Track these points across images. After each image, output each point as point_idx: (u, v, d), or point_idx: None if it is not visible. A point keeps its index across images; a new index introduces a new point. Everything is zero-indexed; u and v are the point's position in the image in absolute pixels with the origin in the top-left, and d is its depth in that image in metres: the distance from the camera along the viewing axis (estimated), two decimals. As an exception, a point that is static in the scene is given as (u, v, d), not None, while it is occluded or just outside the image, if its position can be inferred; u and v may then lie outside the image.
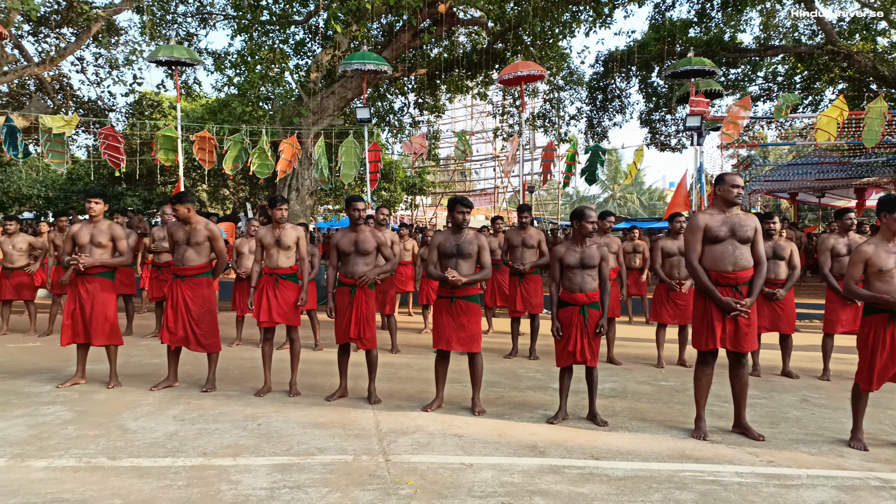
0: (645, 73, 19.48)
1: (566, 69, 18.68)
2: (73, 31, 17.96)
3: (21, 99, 20.01)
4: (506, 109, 20.37)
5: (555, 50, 15.74)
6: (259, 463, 3.82)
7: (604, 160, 11.60)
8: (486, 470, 3.74)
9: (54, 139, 10.90)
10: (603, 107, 20.70)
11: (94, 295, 5.59)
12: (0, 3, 14.99)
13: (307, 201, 16.34)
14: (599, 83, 20.23)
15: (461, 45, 18.45)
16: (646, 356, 7.57)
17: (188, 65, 11.55)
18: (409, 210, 43.71)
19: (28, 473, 3.60)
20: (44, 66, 16.33)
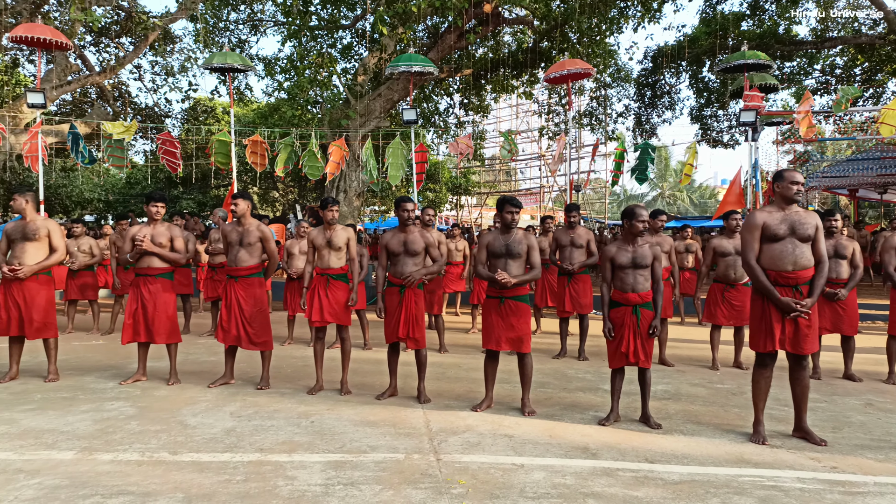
0: (696, 67, 19.02)
1: (613, 66, 18.39)
2: (131, 41, 18.67)
3: (83, 107, 20.92)
4: (551, 108, 20.20)
5: (602, 47, 15.51)
6: (313, 460, 3.89)
7: (653, 158, 11.37)
8: (537, 471, 3.73)
9: (115, 145, 11.34)
10: (651, 103, 20.31)
11: (155, 295, 5.80)
12: (65, 15, 15.71)
13: (354, 203, 16.56)
14: (648, 79, 19.86)
15: (506, 45, 18.39)
16: (699, 358, 7.40)
17: (241, 71, 11.85)
18: (454, 210, 43.77)
19: (95, 466, 3.76)
20: (104, 74, 17.02)
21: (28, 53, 19.33)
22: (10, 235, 5.81)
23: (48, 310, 5.93)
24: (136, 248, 5.73)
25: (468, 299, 11.10)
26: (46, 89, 12.50)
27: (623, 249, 4.72)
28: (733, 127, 20.09)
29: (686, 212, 48.47)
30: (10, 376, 5.91)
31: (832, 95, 18.48)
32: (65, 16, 15.75)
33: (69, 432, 4.37)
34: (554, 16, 14.12)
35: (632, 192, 53.44)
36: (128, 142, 11.64)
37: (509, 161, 36.47)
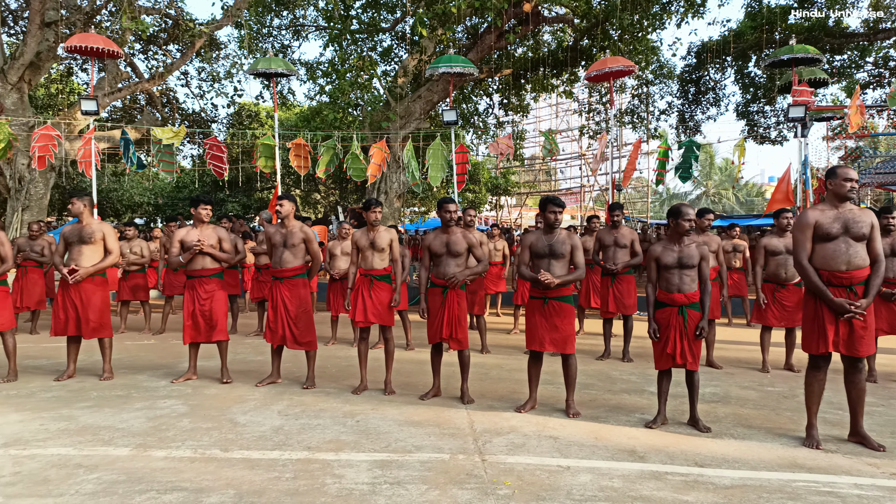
0: (741, 63, 18.54)
1: (656, 62, 18.06)
2: (178, 48, 19.19)
3: (133, 113, 21.61)
4: (592, 107, 19.97)
5: (644, 43, 15.24)
6: (360, 458, 3.94)
7: (698, 156, 11.13)
8: (584, 473, 3.69)
9: (164, 150, 11.69)
10: (695, 100, 19.89)
11: (211, 294, 5.96)
12: (115, 24, 16.26)
13: (395, 204, 16.68)
14: (692, 75, 19.46)
15: (546, 44, 18.26)
16: (748, 360, 7.22)
17: (284, 75, 12.07)
18: (493, 211, 43.68)
19: (150, 462, 3.88)
20: (153, 81, 17.54)
21: (81, 62, 20.08)
22: (67, 238, 6.05)
23: (103, 310, 6.15)
24: (192, 250, 5.87)
25: (510, 300, 11.08)
26: (99, 97, 12.96)
27: (668, 249, 4.64)
28: (781, 123, 19.52)
29: (732, 210, 47.29)
30: (68, 374, 6.15)
31: (885, 89, 17.78)
32: (115, 25, 16.31)
33: (124, 429, 4.53)
34: (595, 13, 13.95)
35: (675, 191, 52.43)
36: (176, 147, 11.98)
37: (550, 161, 36.18)
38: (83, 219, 6.04)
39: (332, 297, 8.49)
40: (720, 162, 49.15)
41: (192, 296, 5.97)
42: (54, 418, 4.77)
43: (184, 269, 6.11)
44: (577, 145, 37.83)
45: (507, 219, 44.28)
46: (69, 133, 15.71)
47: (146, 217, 31.37)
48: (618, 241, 7.17)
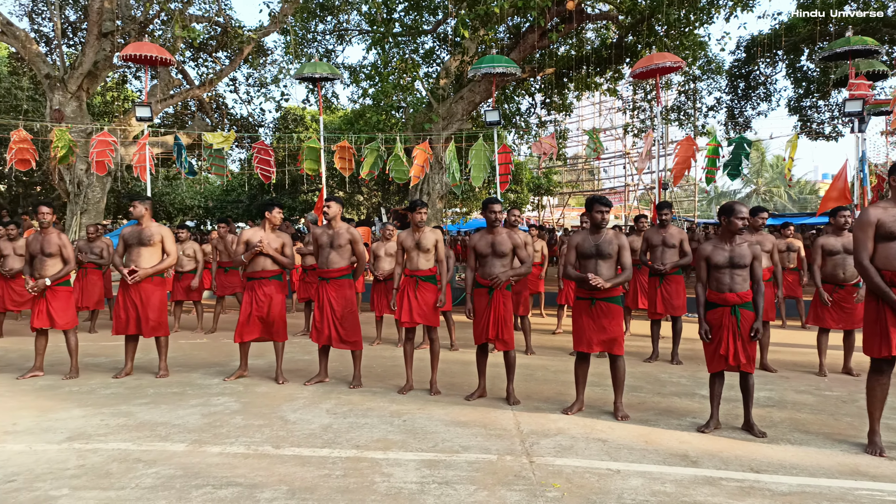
0: (793, 56, 17.95)
1: (703, 58, 17.64)
2: (227, 55, 19.70)
3: (184, 119, 22.28)
4: (636, 104, 19.65)
5: (691, 38, 14.92)
6: (408, 458, 3.97)
7: (749, 153, 10.81)
8: (634, 477, 3.63)
9: (215, 154, 12.01)
10: (745, 95, 19.35)
11: (270, 296, 6.07)
12: (167, 33, 16.79)
13: (437, 205, 16.75)
14: (741, 70, 18.94)
15: (589, 42, 18.04)
16: (803, 363, 6.98)
17: (329, 79, 12.26)
18: (535, 211, 43.37)
19: (205, 458, 3.99)
20: (203, 87, 18.05)
21: (135, 70, 20.79)
22: (126, 240, 6.27)
23: (161, 310, 6.35)
24: (253, 250, 5.99)
25: (552, 300, 10.99)
26: (152, 103, 13.41)
27: (719, 248, 4.53)
28: (836, 118, 18.83)
29: (784, 209, 45.84)
30: (126, 372, 6.37)
31: (951, 80, 16.94)
32: (167, 33, 16.84)
33: (180, 425, 4.67)
34: (640, 9, 13.73)
35: (723, 189, 51.10)
36: (226, 151, 12.30)
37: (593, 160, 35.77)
38: (143, 221, 6.25)
39: (376, 298, 8.57)
40: (771, 159, 47.73)
41: (251, 297, 6.07)
42: (114, 414, 4.95)
43: (244, 270, 6.25)
44: (620, 144, 37.28)
45: (549, 219, 43.94)
46: (124, 139, 16.29)
47: (196, 219, 32.30)
48: (666, 241, 7.03)
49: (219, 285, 9.77)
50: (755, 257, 4.48)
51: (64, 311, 6.30)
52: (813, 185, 49.31)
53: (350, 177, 12.90)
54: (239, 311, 6.26)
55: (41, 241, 6.23)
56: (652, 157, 12.38)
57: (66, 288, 6.37)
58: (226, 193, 29.49)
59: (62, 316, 6.29)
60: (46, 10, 18.91)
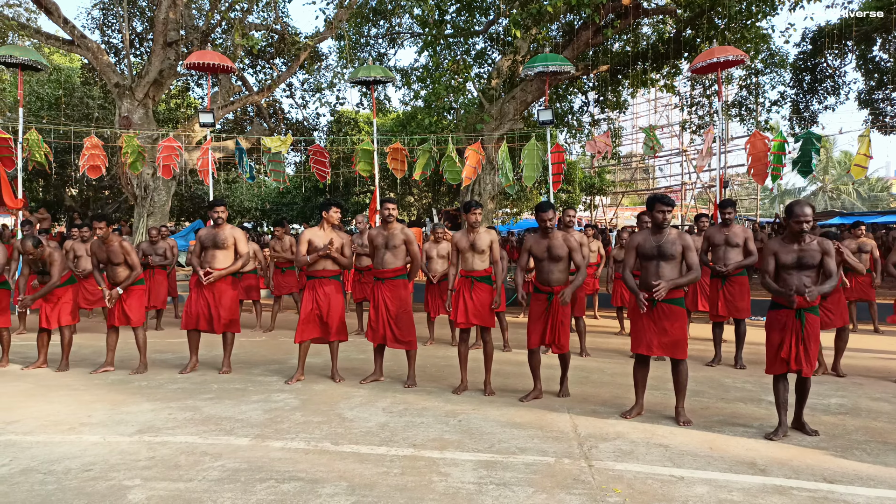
0: (864, 47, 17.12)
1: (766, 51, 17.01)
2: (283, 61, 20.18)
3: (243, 124, 22.94)
4: (694, 100, 19.10)
5: (753, 31, 14.39)
6: (464, 458, 3.96)
7: (818, 148, 10.35)
8: (699, 484, 3.53)
9: (273, 158, 12.32)
10: (811, 89, 18.56)
11: (330, 296, 6.14)
12: (227, 41, 17.33)
13: (489, 205, 16.70)
14: (807, 63, 18.18)
15: (645, 37, 17.66)
16: (877, 369, 6.64)
17: (383, 82, 12.39)
18: (587, 211, 42.75)
19: (268, 452, 4.08)
20: (262, 94, 18.54)
21: (197, 78, 21.54)
22: (202, 242, 6.47)
23: (233, 308, 6.55)
24: (319, 252, 6.02)
25: (607, 301, 10.80)
26: (214, 109, 13.86)
27: (787, 247, 4.36)
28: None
29: (853, 207, 43.75)
30: (191, 367, 6.59)
31: None
32: (228, 42, 17.38)
33: (244, 420, 4.79)
34: (699, 2, 13.34)
35: (787, 187, 49.21)
36: (284, 154, 12.59)
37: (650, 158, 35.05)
38: (223, 224, 6.47)
39: (430, 299, 8.60)
40: (838, 155, 45.65)
41: (312, 296, 6.14)
42: (181, 408, 5.13)
43: (300, 270, 6.39)
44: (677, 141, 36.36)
45: (602, 219, 43.23)
46: (188, 144, 16.88)
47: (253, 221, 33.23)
48: (729, 241, 6.81)
49: (276, 285, 10.00)
50: (825, 252, 4.29)
51: (136, 309, 6.60)
52: (885, 181, 46.91)
53: (402, 178, 13.00)
54: (297, 310, 6.39)
55: (106, 251, 6.52)
56: (713, 154, 12.01)
57: (139, 287, 6.66)
58: (281, 196, 30.22)
59: (135, 313, 6.58)
60: (116, 23, 19.80)
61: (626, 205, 48.66)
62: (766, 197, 47.28)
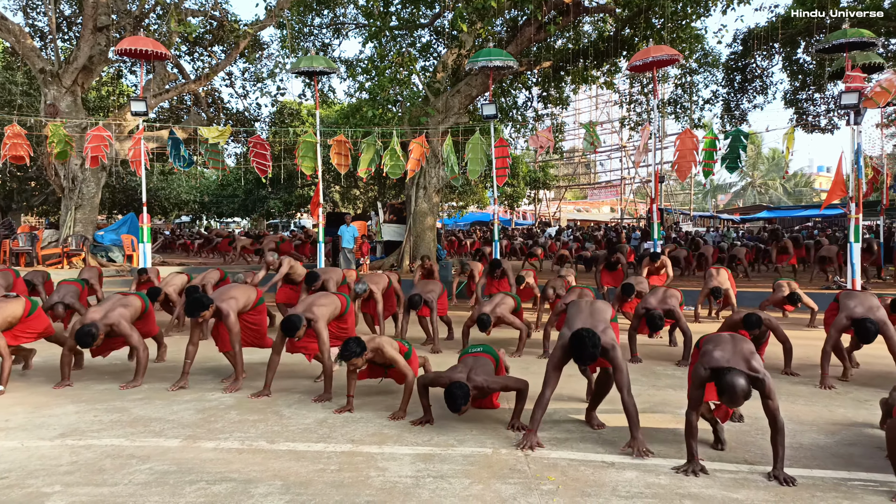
0: (790, 49, 17.93)
1: (700, 51, 17.60)
2: (222, 49, 19.61)
3: (179, 113, 22.20)
4: (633, 98, 19.61)
5: (688, 31, 14.87)
6: (403, 452, 3.96)
7: (746, 145, 10.79)
8: (629, 469, 3.64)
9: (212, 149, 11.97)
10: (742, 88, 19.34)
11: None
12: (163, 27, 16.71)
13: (434, 199, 16.72)
14: (738, 63, 18.92)
15: (586, 35, 17.99)
16: (798, 357, 6.97)
17: (326, 73, 12.20)
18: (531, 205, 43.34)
19: (200, 453, 3.98)
20: (199, 82, 17.98)
21: (130, 65, 20.70)
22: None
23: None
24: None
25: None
26: (147, 98, 13.34)
27: None
28: (832, 110, 18.84)
29: (779, 201, 45.90)
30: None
31: (947, 72, 16.91)
32: (163, 27, 16.76)
33: (175, 421, 4.65)
34: (637, 2, 13.67)
35: (719, 182, 51.15)
36: (222, 145, 12.24)
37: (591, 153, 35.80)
38: None
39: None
40: (767, 152, 47.77)
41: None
42: (108, 410, 4.93)
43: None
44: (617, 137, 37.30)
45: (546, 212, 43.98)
46: (119, 134, 16.22)
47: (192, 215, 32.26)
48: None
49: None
50: None
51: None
52: (808, 177, 49.39)
53: (348, 172, 12.84)
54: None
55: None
56: (648, 151, 12.36)
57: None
58: (221, 188, 29.43)
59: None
60: (41, 5, 18.79)
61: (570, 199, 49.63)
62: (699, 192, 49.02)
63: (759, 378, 3.49)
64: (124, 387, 5.64)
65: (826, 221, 30.31)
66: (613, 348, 3.98)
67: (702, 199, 51.10)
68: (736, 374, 3.41)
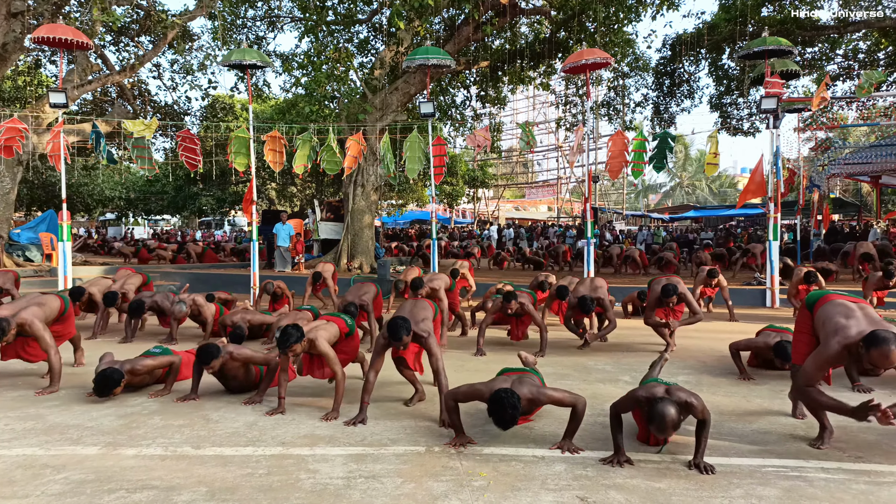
0: (715, 55, 18.73)
1: (631, 55, 18.17)
2: (150, 39, 18.85)
3: (104, 106, 21.20)
4: (568, 99, 20.04)
5: (620, 35, 15.32)
6: (335, 453, 3.91)
7: (672, 147, 11.20)
8: (558, 463, 3.71)
9: (137, 143, 11.47)
10: (670, 92, 20.07)
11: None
12: (85, 15, 15.90)
13: (372, 197, 16.60)
14: (667, 68, 19.62)
15: (523, 36, 18.25)
16: (720, 350, 7.28)
17: (259, 67, 11.90)
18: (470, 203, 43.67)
19: (120, 461, 3.80)
20: (124, 73, 17.22)
21: (49, 54, 19.62)
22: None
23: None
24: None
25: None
26: (68, 89, 12.67)
27: None
28: (754, 115, 19.79)
29: (705, 201, 47.91)
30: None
31: (855, 80, 18.08)
32: (85, 16, 15.95)
33: (94, 427, 4.44)
34: (571, 5, 13.99)
35: (651, 183, 52.92)
36: (149, 140, 11.75)
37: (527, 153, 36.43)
38: None
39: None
40: (694, 153, 49.76)
41: None
42: (21, 418, 4.66)
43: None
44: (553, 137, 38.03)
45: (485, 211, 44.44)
46: (37, 126, 15.36)
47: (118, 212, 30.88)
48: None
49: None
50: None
51: None
52: (732, 178, 51.75)
53: (283, 169, 12.56)
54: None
55: None
56: (582, 151, 12.65)
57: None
58: (149, 184, 28.28)
59: None
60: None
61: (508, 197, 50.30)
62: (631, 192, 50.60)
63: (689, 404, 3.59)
64: (40, 393, 5.35)
65: (749, 220, 31.86)
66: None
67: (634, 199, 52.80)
68: (666, 405, 3.49)
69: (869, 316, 3.73)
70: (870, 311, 3.82)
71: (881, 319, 3.73)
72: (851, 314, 3.72)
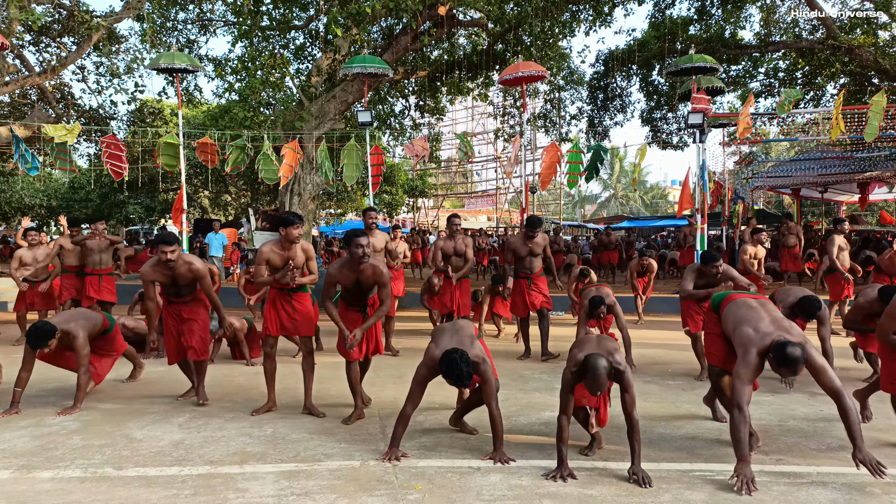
0: (645, 71, 19.43)
1: (566, 69, 18.63)
2: (73, 41, 17.99)
3: (23, 109, 20.06)
4: (506, 110, 20.34)
5: (555, 50, 15.68)
6: (266, 470, 3.80)
7: (605, 159, 11.55)
8: (494, 473, 3.72)
9: (58, 148, 10.91)
10: (604, 106, 20.66)
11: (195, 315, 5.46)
12: (2, 13, 15.05)
13: (309, 206, 16.31)
14: (600, 82, 20.19)
15: (461, 47, 18.42)
16: (652, 356, 7.51)
17: (189, 72, 11.55)
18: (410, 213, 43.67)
19: (34, 485, 3.58)
20: (45, 75, 16.37)
21: (-38, 53, 18.44)
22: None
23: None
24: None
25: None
26: (-19, 90, 11.93)
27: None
28: (682, 129, 20.60)
29: (638, 212, 49.53)
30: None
31: (776, 98, 19.13)
32: (1, 13, 15.10)
33: (6, 450, 4.16)
34: (508, 19, 14.20)
35: (587, 194, 54.27)
36: (71, 145, 11.19)
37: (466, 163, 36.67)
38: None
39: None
40: (627, 166, 51.40)
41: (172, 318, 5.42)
42: (-79, 442, 4.32)
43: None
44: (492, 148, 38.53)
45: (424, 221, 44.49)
46: (-54, 129, 14.39)
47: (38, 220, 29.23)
48: (533, 251, 7.33)
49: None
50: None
51: None
52: (663, 190, 53.73)
53: (217, 176, 12.21)
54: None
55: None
56: (519, 162, 12.85)
57: None
58: (73, 191, 26.92)
59: None
60: None
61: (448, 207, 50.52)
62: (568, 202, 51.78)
63: (620, 370, 3.69)
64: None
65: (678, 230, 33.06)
66: (484, 361, 4.03)
67: (571, 209, 54.04)
68: (599, 357, 3.60)
69: (771, 314, 3.91)
70: (770, 308, 4.00)
71: (782, 317, 3.90)
72: (757, 316, 3.88)
